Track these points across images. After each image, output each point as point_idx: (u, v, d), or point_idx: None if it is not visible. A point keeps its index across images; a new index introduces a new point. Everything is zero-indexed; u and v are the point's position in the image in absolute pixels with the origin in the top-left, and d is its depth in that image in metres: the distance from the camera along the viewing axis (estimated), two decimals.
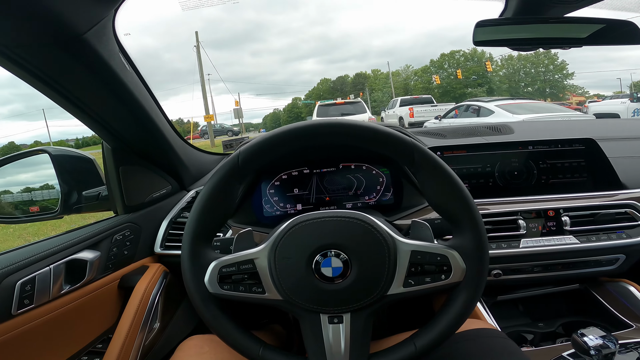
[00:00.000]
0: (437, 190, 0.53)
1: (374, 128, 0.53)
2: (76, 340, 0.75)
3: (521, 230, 0.85)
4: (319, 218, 0.52)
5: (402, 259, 0.51)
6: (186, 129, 32.10)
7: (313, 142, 0.54)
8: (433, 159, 0.53)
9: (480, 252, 0.51)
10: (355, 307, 0.51)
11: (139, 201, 0.93)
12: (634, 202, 0.87)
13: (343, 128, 0.53)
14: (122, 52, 0.73)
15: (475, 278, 0.51)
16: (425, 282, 0.51)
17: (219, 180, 0.54)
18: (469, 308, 0.51)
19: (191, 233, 0.54)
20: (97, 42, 0.62)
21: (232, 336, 0.53)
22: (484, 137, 1.11)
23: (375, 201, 0.98)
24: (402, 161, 0.54)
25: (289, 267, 0.51)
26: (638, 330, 0.78)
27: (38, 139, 33.74)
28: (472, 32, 0.82)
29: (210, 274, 0.52)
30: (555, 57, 37.88)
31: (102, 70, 0.67)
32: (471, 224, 0.52)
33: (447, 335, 0.52)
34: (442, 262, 0.51)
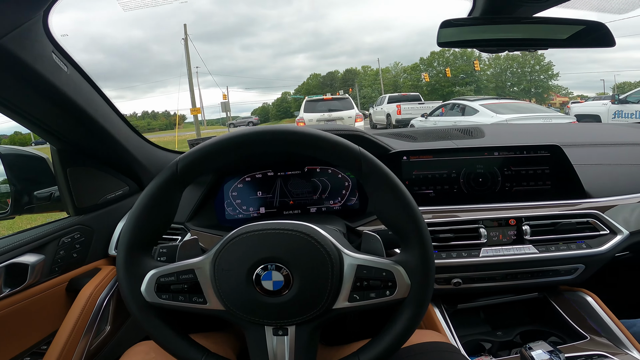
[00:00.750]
0: (384, 203, 0.51)
1: (319, 135, 0.51)
2: (20, 342, 0.73)
3: (482, 239, 0.84)
4: (262, 230, 0.50)
5: (347, 273, 0.49)
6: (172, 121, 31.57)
7: (255, 150, 0.52)
8: (381, 170, 0.51)
9: (426, 268, 0.50)
10: (300, 320, 0.49)
11: (92, 203, 0.89)
12: (597, 212, 0.87)
13: (286, 135, 0.51)
14: (60, 52, 0.69)
15: (420, 294, 0.50)
16: (370, 298, 0.49)
17: (155, 188, 0.52)
18: (414, 324, 0.50)
19: (126, 242, 0.51)
20: (17, 46, 0.58)
21: (172, 345, 0.51)
22: (453, 141, 1.09)
23: (340, 206, 0.96)
24: (350, 170, 0.52)
25: (229, 279, 0.49)
26: (591, 342, 0.78)
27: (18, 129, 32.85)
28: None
29: (147, 284, 0.50)
30: (541, 57, 38.57)
31: (28, 75, 0.63)
32: (417, 240, 0.50)
33: (392, 351, 0.51)
34: (388, 277, 0.49)
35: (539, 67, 39.36)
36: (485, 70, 42.05)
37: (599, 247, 0.84)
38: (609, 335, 0.79)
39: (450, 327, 0.83)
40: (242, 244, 0.50)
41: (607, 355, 0.71)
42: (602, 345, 0.78)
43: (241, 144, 0.51)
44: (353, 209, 0.95)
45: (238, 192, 0.95)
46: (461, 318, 0.90)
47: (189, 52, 17.71)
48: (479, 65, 36.11)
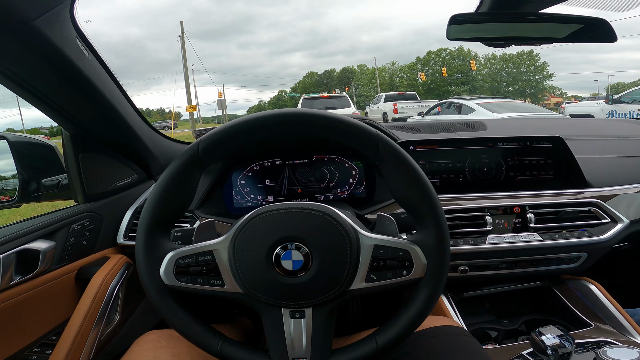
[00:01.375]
0: (401, 184, 0.52)
1: (339, 119, 0.52)
2: (29, 332, 0.73)
3: (488, 226, 0.85)
4: (280, 209, 0.50)
5: (364, 253, 0.50)
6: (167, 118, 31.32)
7: (276, 131, 0.52)
8: (397, 152, 0.51)
9: (442, 248, 0.51)
10: (317, 301, 0.49)
11: (101, 190, 0.89)
12: (598, 200, 0.89)
13: (308, 118, 0.52)
14: (82, 39, 0.70)
15: (436, 274, 0.50)
16: (387, 278, 0.50)
17: (177, 168, 0.52)
18: (430, 305, 0.51)
19: (146, 222, 0.51)
20: (48, 28, 0.59)
21: (189, 329, 0.51)
22: (456, 133, 1.11)
23: (348, 194, 0.97)
24: (367, 153, 0.52)
25: (248, 260, 0.49)
26: (596, 330, 0.80)
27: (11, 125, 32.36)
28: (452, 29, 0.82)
29: (166, 266, 0.50)
30: (537, 57, 38.86)
31: (54, 57, 0.64)
32: (433, 220, 0.51)
33: (408, 332, 0.51)
34: (404, 257, 0.50)
35: (534, 67, 39.62)
36: (480, 70, 42.29)
37: (601, 235, 0.86)
38: (614, 323, 0.80)
39: (458, 315, 0.84)
40: (262, 223, 0.50)
41: (614, 342, 0.71)
42: (607, 332, 0.79)
43: (262, 125, 0.52)
44: (360, 197, 0.96)
45: (246, 181, 0.96)
46: (467, 306, 0.91)
47: (185, 49, 17.62)
48: (475, 65, 36.30)
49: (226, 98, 22.71)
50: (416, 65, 45.08)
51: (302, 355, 0.50)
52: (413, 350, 0.60)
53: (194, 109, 17.66)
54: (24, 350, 0.71)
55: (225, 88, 55.75)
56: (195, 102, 21.92)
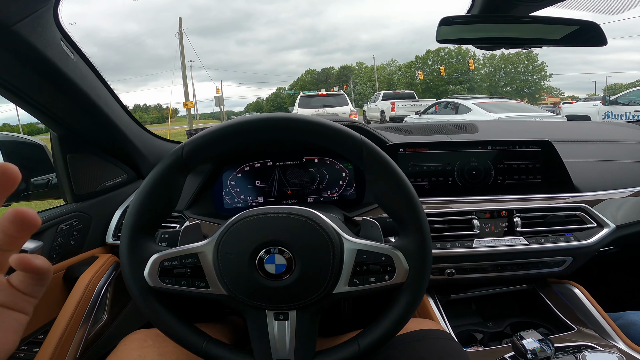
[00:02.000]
0: (384, 190, 0.52)
1: (323, 123, 0.52)
2: None
3: (475, 230, 0.86)
4: (264, 214, 0.51)
5: (347, 257, 0.50)
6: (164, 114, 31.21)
7: (261, 136, 0.53)
8: (381, 158, 0.52)
9: (423, 254, 0.51)
10: (301, 304, 0.50)
11: (90, 190, 0.89)
12: (585, 205, 0.90)
13: (293, 123, 0.52)
14: (67, 40, 0.70)
15: (418, 279, 0.51)
16: (369, 282, 0.50)
17: (161, 172, 0.52)
18: (411, 310, 0.51)
19: (130, 225, 0.51)
20: (30, 32, 0.59)
21: (174, 330, 0.52)
22: (447, 135, 1.12)
23: (338, 196, 0.97)
24: (351, 158, 0.53)
25: (232, 263, 0.49)
26: (578, 333, 0.81)
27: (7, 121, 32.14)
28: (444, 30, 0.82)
29: (150, 268, 0.50)
30: (535, 57, 38.97)
31: (37, 61, 0.64)
32: (416, 226, 0.51)
33: (390, 335, 0.52)
34: (387, 262, 0.50)
35: (532, 68, 39.74)
36: (479, 70, 42.36)
37: (587, 239, 0.87)
38: (596, 327, 0.81)
39: (444, 317, 0.84)
40: (245, 227, 0.50)
41: (595, 346, 0.72)
42: (589, 336, 0.79)
43: (245, 130, 0.52)
44: (350, 199, 0.97)
45: (236, 182, 0.96)
46: (453, 309, 0.92)
47: (183, 45, 17.54)
48: (473, 64, 36.34)
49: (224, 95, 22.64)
50: (415, 64, 45.10)
51: (285, 357, 0.51)
52: (396, 353, 0.61)
53: (192, 106, 17.60)
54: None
55: (223, 85, 55.56)
56: (192, 99, 21.85)
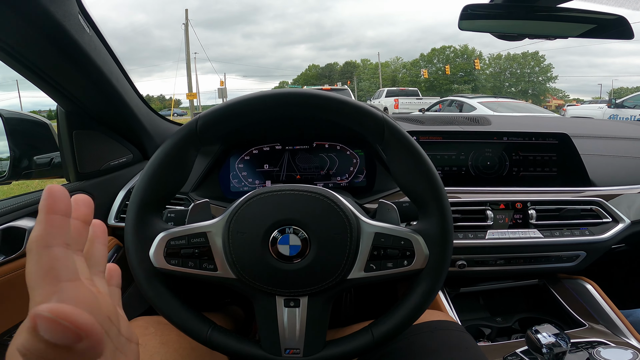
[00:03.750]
0: (406, 170, 0.49)
1: (344, 100, 0.49)
2: (11, 315, 0.70)
3: (488, 221, 0.83)
4: (279, 191, 0.48)
5: (365, 240, 0.47)
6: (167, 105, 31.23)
7: (278, 111, 0.50)
8: (404, 136, 0.49)
9: (445, 238, 0.48)
10: (313, 290, 0.47)
11: (94, 169, 0.87)
12: (600, 199, 0.88)
13: (312, 99, 0.49)
14: (83, 14, 0.68)
15: (438, 266, 0.48)
16: (387, 267, 0.47)
17: (173, 144, 0.49)
18: (429, 298, 0.49)
19: (138, 200, 0.48)
20: (50, 1, 0.57)
21: (177, 316, 0.48)
22: (460, 127, 1.09)
23: (347, 182, 0.95)
24: (372, 137, 0.50)
25: (243, 243, 0.47)
26: (590, 330, 0.79)
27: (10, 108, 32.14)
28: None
29: (156, 247, 0.47)
30: (542, 59, 38.75)
31: (54, 31, 0.61)
32: (438, 209, 0.48)
33: (405, 325, 0.49)
34: (406, 246, 0.48)
35: (538, 69, 39.53)
36: (484, 70, 42.16)
37: (601, 234, 0.85)
38: (607, 323, 0.79)
39: (453, 310, 0.83)
40: (259, 204, 0.47)
41: (608, 343, 0.71)
42: (601, 332, 0.78)
43: (265, 104, 0.49)
44: (360, 186, 0.95)
45: (244, 165, 0.94)
46: (462, 302, 0.90)
47: (188, 37, 17.48)
48: (479, 64, 36.14)
49: (227, 87, 22.60)
50: (420, 62, 44.91)
51: (294, 346, 0.48)
52: (407, 344, 0.59)
53: (195, 97, 17.57)
54: (5, 335, 0.69)
55: (227, 77, 55.50)
56: (195, 90, 21.80)
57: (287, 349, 0.48)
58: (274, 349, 0.48)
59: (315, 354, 0.48)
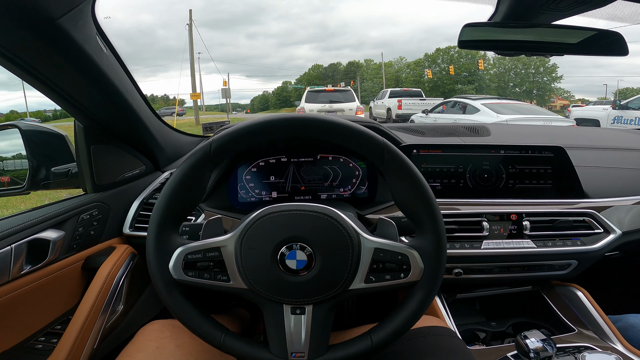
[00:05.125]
0: (403, 191, 0.54)
1: (348, 126, 0.54)
2: (35, 321, 0.74)
3: (484, 231, 0.87)
4: (287, 211, 0.52)
5: (365, 255, 0.52)
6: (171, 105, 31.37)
7: (287, 135, 0.54)
8: (402, 160, 0.53)
9: (438, 254, 0.53)
10: (318, 299, 0.52)
11: (110, 180, 0.91)
12: (593, 211, 0.91)
13: (317, 123, 0.54)
14: (100, 35, 0.72)
15: (432, 278, 0.53)
16: (385, 280, 0.52)
17: (190, 167, 0.54)
18: (424, 307, 0.53)
19: (158, 218, 0.53)
20: (72, 26, 0.61)
21: (194, 322, 0.54)
22: (460, 138, 1.13)
23: (350, 194, 0.99)
24: (372, 159, 0.55)
25: (254, 257, 0.51)
26: (578, 335, 0.83)
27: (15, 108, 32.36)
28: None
29: (175, 260, 0.52)
30: (546, 59, 38.40)
31: (75, 54, 0.66)
32: (432, 227, 0.53)
33: (402, 331, 0.54)
34: (403, 260, 0.52)
35: (543, 69, 39.30)
36: (488, 70, 41.96)
37: (593, 244, 0.88)
38: (596, 329, 0.83)
39: (449, 315, 0.87)
40: (269, 223, 0.52)
41: (594, 348, 0.74)
42: (589, 338, 0.82)
43: (274, 128, 0.54)
44: (362, 197, 0.99)
45: (251, 176, 0.98)
46: (458, 308, 0.94)
47: (192, 37, 17.56)
48: (483, 64, 35.99)
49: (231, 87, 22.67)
50: (424, 62, 44.76)
51: (300, 350, 0.53)
52: (401, 348, 0.63)
53: (198, 97, 17.66)
54: (30, 339, 0.73)
55: (230, 77, 55.64)
56: (199, 90, 21.89)
57: (293, 352, 0.53)
58: (282, 352, 0.53)
59: (318, 357, 0.53)
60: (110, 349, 0.84)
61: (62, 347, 0.73)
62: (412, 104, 12.74)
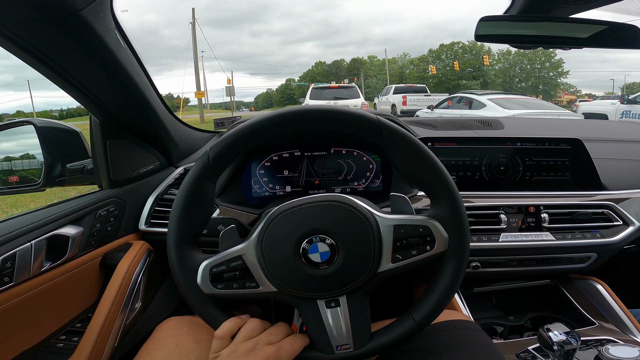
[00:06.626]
0: (408, 163, 0.53)
1: (339, 110, 0.53)
2: (55, 319, 0.74)
3: (502, 224, 0.87)
4: (298, 205, 0.52)
5: (386, 235, 0.51)
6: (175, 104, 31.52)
7: (282, 130, 0.54)
8: (400, 133, 0.52)
9: (459, 218, 0.52)
10: (349, 288, 0.51)
11: (125, 176, 0.91)
12: (612, 203, 0.90)
13: (309, 114, 0.53)
14: (118, 28, 0.72)
15: (459, 245, 0.52)
16: (412, 255, 0.51)
17: (192, 183, 0.53)
18: (459, 276, 0.52)
19: (174, 239, 0.53)
20: (94, 18, 0.61)
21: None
22: (474, 131, 1.12)
23: (364, 187, 0.99)
24: (371, 138, 0.53)
25: (277, 259, 0.51)
26: (599, 328, 0.82)
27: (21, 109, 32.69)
28: (475, 25, 0.82)
29: (202, 275, 0.52)
30: (552, 54, 38.08)
31: (96, 47, 0.65)
32: (446, 193, 0.52)
33: (442, 306, 0.52)
34: (425, 232, 0.51)
35: (549, 64, 38.89)
36: (493, 65, 41.59)
37: (612, 237, 0.87)
38: (617, 322, 0.82)
39: (467, 309, 0.86)
40: (283, 222, 0.51)
41: (616, 340, 0.73)
42: (610, 331, 0.81)
43: (267, 127, 0.53)
44: (376, 191, 0.98)
45: (265, 171, 0.98)
46: (475, 302, 0.93)
47: (195, 36, 17.60)
48: (488, 60, 35.66)
49: (235, 85, 22.70)
50: (428, 58, 44.49)
51: (344, 342, 0.52)
52: (426, 343, 0.62)
53: (203, 95, 17.70)
54: (51, 338, 0.72)
55: (234, 75, 55.71)
56: (203, 89, 21.95)
57: (338, 346, 0.52)
58: (327, 348, 0.52)
59: (365, 346, 0.53)
60: (130, 346, 0.84)
61: (84, 345, 0.72)
62: (417, 100, 12.67)
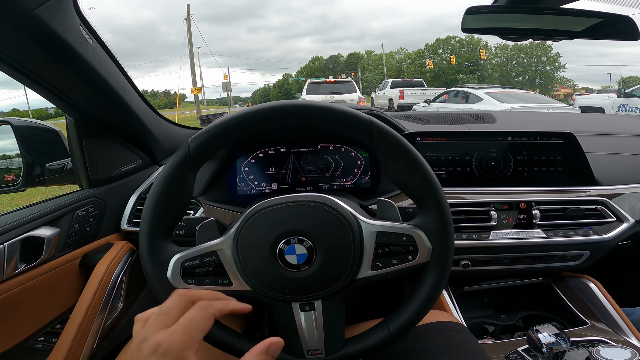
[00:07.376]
0: (398, 168, 0.51)
1: (329, 107, 0.50)
2: (33, 321, 0.73)
3: (492, 221, 0.84)
4: (279, 204, 0.50)
5: (368, 241, 0.49)
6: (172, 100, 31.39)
7: (268, 126, 0.51)
8: (391, 136, 0.50)
9: (445, 230, 0.50)
10: (326, 293, 0.49)
11: (105, 175, 0.89)
12: (605, 199, 0.88)
13: (298, 109, 0.50)
14: (85, 26, 0.69)
15: (442, 257, 0.50)
16: (393, 264, 0.49)
17: (170, 173, 0.51)
18: (438, 289, 0.50)
19: (146, 229, 0.50)
20: (50, 17, 0.58)
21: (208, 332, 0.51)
22: (465, 125, 1.09)
23: (352, 184, 0.96)
24: (362, 139, 0.51)
25: (252, 257, 0.49)
26: (591, 328, 0.80)
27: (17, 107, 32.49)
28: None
29: (172, 270, 0.50)
30: (549, 48, 38.07)
31: (57, 46, 0.63)
32: (434, 202, 0.50)
33: (418, 317, 0.51)
34: (408, 242, 0.49)
35: (545, 58, 38.87)
36: (490, 59, 41.55)
37: (605, 234, 0.85)
38: (609, 322, 0.81)
39: (457, 309, 0.84)
40: (261, 219, 0.49)
41: (607, 341, 0.72)
42: (602, 331, 0.79)
43: (248, 121, 0.50)
44: (365, 187, 0.96)
45: (250, 168, 0.95)
46: (466, 301, 0.91)
47: (191, 32, 17.48)
48: (485, 54, 35.59)
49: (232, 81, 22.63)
50: (424, 52, 44.37)
51: (315, 347, 0.50)
52: (413, 345, 0.60)
53: (199, 91, 17.62)
54: (29, 339, 0.71)
55: (231, 71, 55.51)
56: (200, 85, 21.84)
57: (309, 351, 0.51)
58: (297, 352, 0.51)
59: (336, 352, 0.51)
60: (111, 347, 0.82)
61: (61, 346, 0.71)
62: (414, 94, 12.67)
